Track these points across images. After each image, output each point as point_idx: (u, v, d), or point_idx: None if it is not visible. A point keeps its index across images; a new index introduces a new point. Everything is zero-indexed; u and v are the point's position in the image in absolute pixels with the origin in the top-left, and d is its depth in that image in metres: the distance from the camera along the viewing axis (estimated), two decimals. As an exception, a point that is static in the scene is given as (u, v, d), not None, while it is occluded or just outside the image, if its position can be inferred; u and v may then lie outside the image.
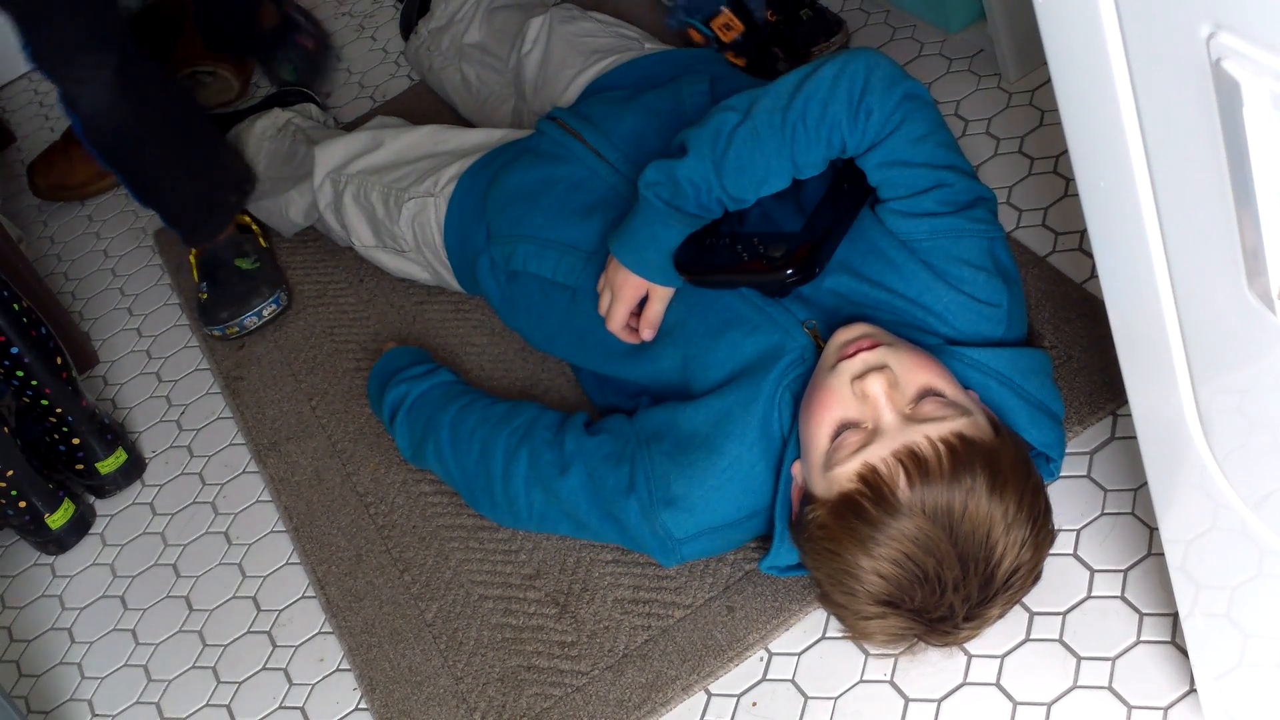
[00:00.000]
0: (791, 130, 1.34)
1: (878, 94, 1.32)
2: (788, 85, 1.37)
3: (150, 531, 1.84)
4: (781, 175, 1.36)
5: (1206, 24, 0.62)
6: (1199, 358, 0.81)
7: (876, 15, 2.07)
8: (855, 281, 1.40)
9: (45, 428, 1.86)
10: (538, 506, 1.50)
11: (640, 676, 1.38)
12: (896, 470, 1.18)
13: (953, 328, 1.38)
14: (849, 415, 1.24)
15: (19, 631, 1.79)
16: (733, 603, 1.40)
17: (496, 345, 1.82)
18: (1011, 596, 1.22)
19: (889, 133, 1.34)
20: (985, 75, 1.86)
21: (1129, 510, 1.32)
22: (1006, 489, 1.17)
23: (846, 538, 1.19)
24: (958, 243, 1.37)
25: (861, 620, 1.24)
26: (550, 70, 1.91)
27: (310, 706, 1.53)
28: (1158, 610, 1.23)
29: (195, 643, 1.67)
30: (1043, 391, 1.33)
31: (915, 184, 1.36)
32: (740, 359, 1.40)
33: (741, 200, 1.38)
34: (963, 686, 1.26)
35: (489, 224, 1.68)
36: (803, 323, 1.40)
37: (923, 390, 1.24)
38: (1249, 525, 0.87)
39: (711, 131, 1.38)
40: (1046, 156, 1.70)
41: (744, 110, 1.38)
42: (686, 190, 1.38)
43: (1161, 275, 0.78)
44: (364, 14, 2.70)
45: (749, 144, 1.35)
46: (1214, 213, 0.69)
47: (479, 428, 1.56)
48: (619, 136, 1.64)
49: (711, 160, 1.37)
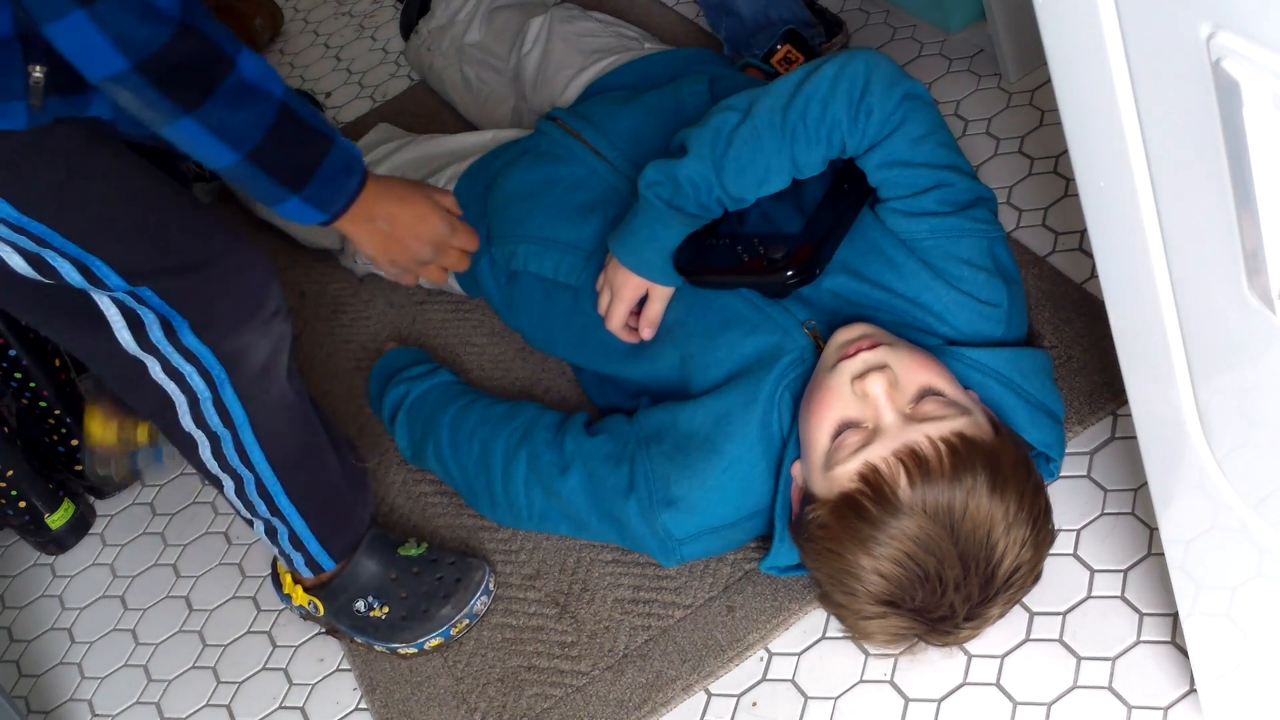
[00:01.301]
0: (792, 130, 1.34)
1: (878, 94, 1.32)
2: (788, 85, 1.37)
3: (150, 531, 1.84)
4: (782, 175, 1.36)
5: (1206, 24, 0.62)
6: (1199, 358, 0.81)
7: (876, 15, 2.07)
8: (855, 281, 1.40)
9: (45, 428, 1.86)
10: (538, 507, 1.50)
11: (640, 676, 1.38)
12: (897, 469, 1.18)
13: (953, 328, 1.37)
14: (849, 415, 1.24)
15: (19, 631, 1.79)
16: (733, 603, 1.40)
17: (496, 345, 1.82)
18: (1012, 596, 1.22)
19: (889, 133, 1.34)
20: (985, 75, 1.86)
21: (1129, 510, 1.32)
22: (1007, 488, 1.17)
23: (847, 537, 1.19)
24: (958, 242, 1.37)
25: (862, 620, 1.24)
26: (550, 70, 1.91)
27: (310, 706, 1.53)
28: (1158, 610, 1.23)
29: (195, 643, 1.67)
30: (1043, 391, 1.33)
31: (916, 184, 1.36)
32: (740, 359, 1.40)
33: (742, 200, 1.38)
34: (963, 686, 1.26)
35: (489, 225, 1.68)
36: (803, 323, 1.40)
37: (923, 390, 1.24)
38: (1249, 525, 0.87)
39: (712, 131, 1.38)
40: (1046, 156, 1.70)
41: (744, 110, 1.37)
42: (687, 190, 1.38)
43: (1161, 275, 0.78)
44: (364, 14, 2.70)
45: (749, 144, 1.35)
46: (1214, 213, 0.69)
47: (479, 428, 1.56)
48: (619, 136, 1.64)
49: (712, 160, 1.37)
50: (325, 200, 1.25)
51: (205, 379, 1.32)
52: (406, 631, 1.49)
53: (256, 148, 1.16)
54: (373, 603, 1.51)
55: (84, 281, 1.21)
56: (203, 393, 1.32)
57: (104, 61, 1.06)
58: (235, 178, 1.19)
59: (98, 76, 1.08)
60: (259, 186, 1.20)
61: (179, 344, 1.28)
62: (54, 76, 1.11)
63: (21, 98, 1.10)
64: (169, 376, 1.31)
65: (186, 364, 1.30)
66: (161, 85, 1.09)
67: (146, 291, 1.24)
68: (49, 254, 1.19)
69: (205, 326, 1.28)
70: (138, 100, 1.10)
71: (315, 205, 1.25)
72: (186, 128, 1.13)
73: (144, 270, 1.23)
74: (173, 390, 1.32)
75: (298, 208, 1.23)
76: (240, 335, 1.31)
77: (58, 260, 1.20)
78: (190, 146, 1.15)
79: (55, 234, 1.18)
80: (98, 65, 1.06)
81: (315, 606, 1.54)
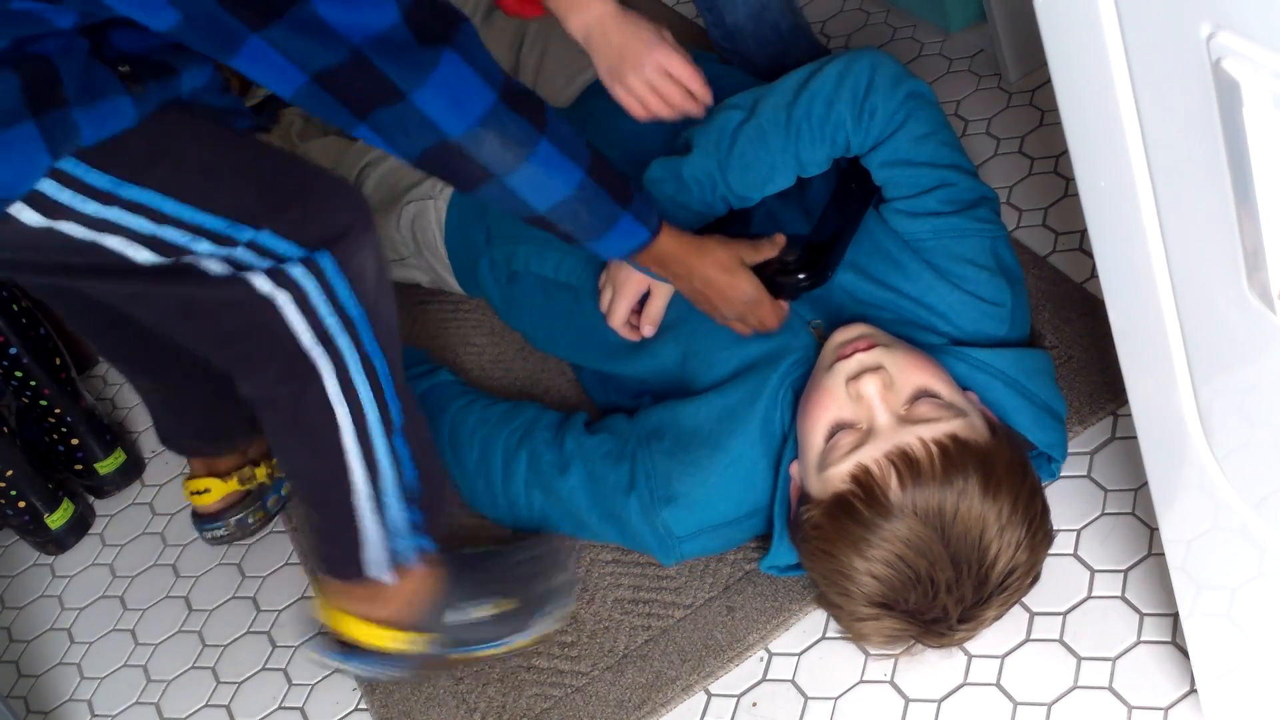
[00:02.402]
0: (796, 128, 1.34)
1: (882, 93, 1.32)
2: (792, 84, 1.37)
3: (150, 531, 1.84)
4: (786, 173, 1.36)
5: (1206, 24, 0.62)
6: (1199, 357, 0.81)
7: (876, 15, 2.07)
8: (860, 280, 1.40)
9: (45, 428, 1.86)
10: (538, 507, 1.50)
11: (640, 676, 1.38)
12: (888, 471, 1.18)
13: (956, 327, 1.38)
14: (844, 416, 1.24)
15: (19, 631, 1.79)
16: (733, 603, 1.40)
17: (496, 345, 1.82)
18: (1008, 598, 1.22)
19: (892, 131, 1.34)
20: (985, 75, 1.86)
21: (1129, 510, 1.32)
22: (1000, 490, 1.17)
23: (840, 539, 1.19)
24: (961, 242, 1.37)
25: (857, 621, 1.24)
26: (550, 70, 1.91)
27: (310, 706, 1.53)
28: (1158, 610, 1.23)
29: (195, 643, 1.67)
30: (1046, 392, 1.33)
31: (919, 183, 1.36)
32: (743, 356, 1.40)
33: (747, 198, 1.38)
34: (963, 687, 1.26)
35: (489, 225, 1.68)
36: (808, 322, 1.40)
37: (918, 391, 1.24)
38: (1249, 525, 0.87)
39: (716, 129, 1.38)
40: (1046, 156, 1.70)
41: (749, 108, 1.38)
42: (691, 187, 1.38)
43: (1161, 275, 0.78)
44: (364, 14, 2.70)
45: (754, 141, 1.35)
46: (1214, 213, 0.69)
47: (478, 428, 1.56)
48: (619, 136, 1.64)
49: (716, 157, 1.37)
50: (648, 215, 1.26)
51: (335, 306, 1.21)
52: (529, 613, 1.39)
53: (592, 160, 1.19)
54: (483, 602, 1.38)
55: (211, 246, 1.16)
56: (332, 322, 1.22)
57: (474, 105, 1.10)
58: (577, 199, 1.20)
59: (459, 130, 1.10)
60: (599, 205, 1.22)
61: (314, 267, 1.20)
62: (138, 68, 1.11)
63: (124, 93, 1.10)
64: (299, 310, 1.20)
65: (318, 289, 1.20)
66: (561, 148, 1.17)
67: (268, 234, 1.18)
68: (168, 230, 1.15)
69: (331, 243, 1.21)
70: (500, 142, 1.12)
71: (643, 220, 1.25)
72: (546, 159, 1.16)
73: (260, 211, 1.18)
74: (300, 327, 1.21)
75: (630, 224, 1.24)
76: (361, 250, 1.23)
77: (176, 233, 1.15)
78: (539, 178, 1.17)
79: (170, 200, 1.14)
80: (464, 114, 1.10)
81: (417, 642, 1.36)
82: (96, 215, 1.11)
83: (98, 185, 1.10)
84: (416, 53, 1.06)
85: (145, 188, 1.12)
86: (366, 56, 1.04)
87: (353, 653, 1.37)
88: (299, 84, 1.06)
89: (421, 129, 1.09)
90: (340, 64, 1.04)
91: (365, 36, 1.04)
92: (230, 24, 1.01)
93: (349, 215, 1.24)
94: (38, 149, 1.06)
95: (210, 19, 1.01)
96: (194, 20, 1.01)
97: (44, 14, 1.05)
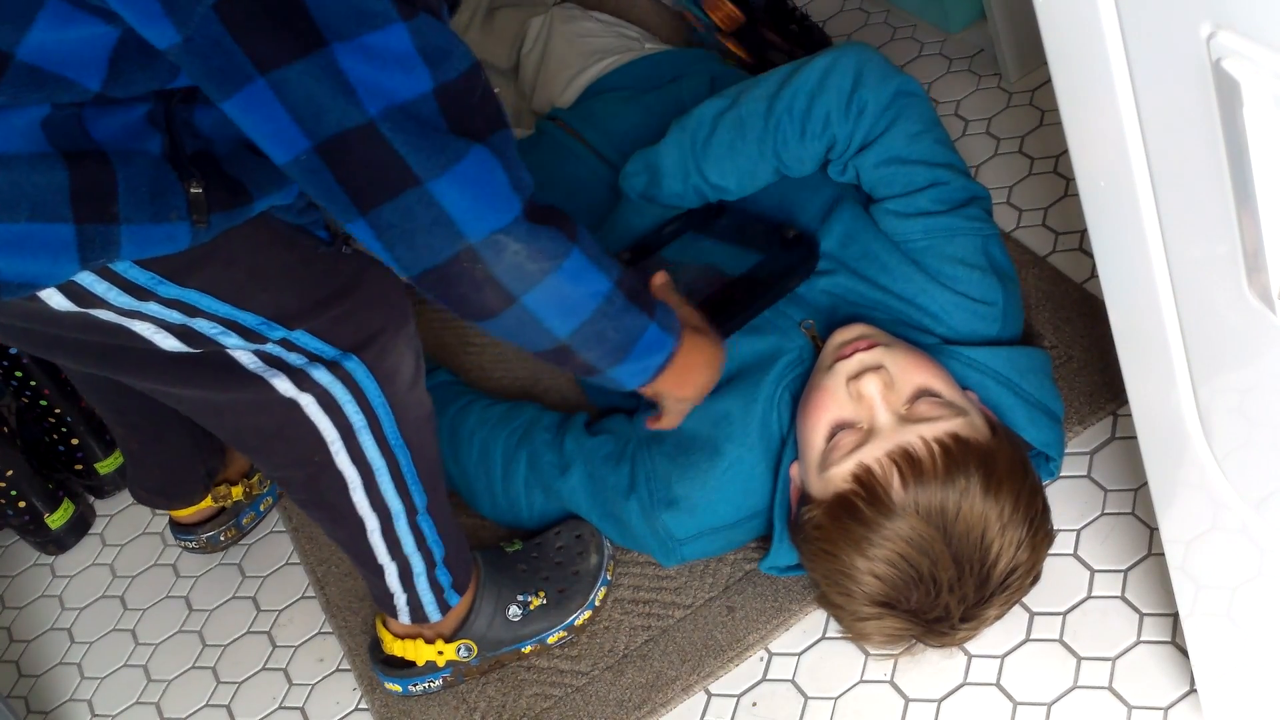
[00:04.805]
0: (777, 120, 1.34)
1: (871, 89, 1.32)
2: (777, 77, 1.37)
3: (150, 532, 1.84)
4: (764, 166, 1.36)
5: (1206, 24, 0.62)
6: (1199, 358, 0.81)
7: (876, 15, 2.07)
8: (852, 280, 1.40)
9: (45, 428, 1.86)
10: (538, 507, 1.50)
11: (640, 676, 1.38)
12: (890, 470, 1.18)
13: (948, 327, 1.38)
14: (844, 416, 1.24)
15: (19, 631, 1.79)
16: (733, 603, 1.40)
17: (496, 345, 1.82)
18: (1009, 597, 1.22)
19: (884, 129, 1.34)
20: (985, 75, 1.86)
21: (1129, 510, 1.32)
22: (1002, 489, 1.17)
23: (842, 538, 1.19)
24: (952, 241, 1.37)
25: (858, 621, 1.24)
26: (550, 70, 1.91)
27: (310, 706, 1.53)
28: (1158, 610, 1.23)
29: (195, 643, 1.67)
30: (1041, 391, 1.33)
31: (913, 181, 1.36)
32: (738, 360, 1.40)
33: (723, 190, 1.38)
34: (963, 686, 1.26)
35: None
36: (800, 323, 1.40)
37: (918, 391, 1.24)
38: (1249, 525, 0.87)
39: (697, 116, 1.38)
40: (1046, 156, 1.70)
41: (731, 98, 1.38)
42: (663, 177, 1.37)
43: (1161, 275, 0.78)
44: (364, 14, 2.70)
45: (732, 129, 1.35)
46: (1214, 213, 0.69)
47: (478, 429, 1.56)
48: (619, 136, 1.64)
49: (692, 146, 1.36)
50: (671, 321, 1.14)
51: (362, 407, 1.19)
52: (571, 601, 1.43)
53: (621, 275, 1.07)
54: (526, 598, 1.42)
55: (240, 341, 1.11)
56: (358, 422, 1.20)
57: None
58: (603, 313, 1.06)
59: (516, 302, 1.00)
60: (628, 319, 1.08)
61: (340, 372, 1.17)
62: (213, 193, 1.00)
63: (185, 217, 0.99)
64: (324, 411, 1.18)
65: (345, 392, 1.18)
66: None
67: (301, 334, 1.13)
68: (199, 322, 1.08)
69: (363, 347, 1.17)
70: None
71: (668, 329, 1.14)
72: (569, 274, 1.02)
73: (297, 312, 1.12)
74: (326, 427, 1.19)
75: (657, 334, 1.12)
76: (394, 350, 1.20)
77: (208, 325, 1.09)
78: (565, 293, 1.03)
79: (209, 298, 1.07)
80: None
81: (469, 650, 1.42)
82: (130, 308, 1.04)
83: (137, 281, 1.02)
84: (443, 137, 0.91)
85: (187, 288, 1.05)
86: (380, 130, 0.89)
87: (406, 671, 1.44)
88: (299, 150, 0.90)
89: (434, 229, 0.93)
90: (349, 131, 0.88)
91: (387, 104, 0.88)
92: (236, 58, 0.86)
93: (385, 317, 1.19)
94: (69, 257, 0.96)
95: (214, 48, 0.86)
96: (196, 47, 0.86)
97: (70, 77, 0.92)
